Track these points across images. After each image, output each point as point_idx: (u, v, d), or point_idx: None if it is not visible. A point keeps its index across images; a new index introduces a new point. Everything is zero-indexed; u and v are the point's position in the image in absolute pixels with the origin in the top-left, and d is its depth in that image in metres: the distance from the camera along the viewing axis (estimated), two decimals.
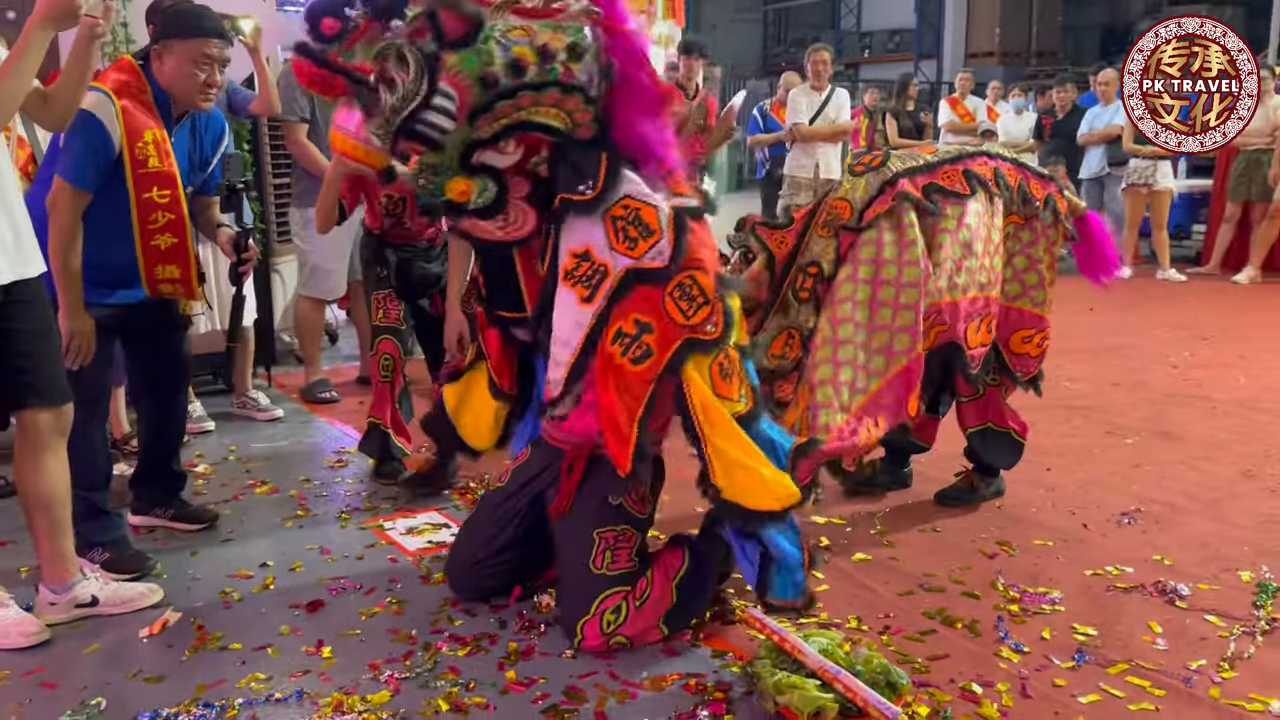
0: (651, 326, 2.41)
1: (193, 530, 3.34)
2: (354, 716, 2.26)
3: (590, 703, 2.32)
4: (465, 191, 2.39)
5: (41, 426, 2.64)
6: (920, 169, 3.14)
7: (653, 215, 2.43)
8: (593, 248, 2.44)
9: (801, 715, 2.20)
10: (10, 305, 2.55)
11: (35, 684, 2.42)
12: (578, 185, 2.44)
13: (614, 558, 2.55)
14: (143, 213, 2.99)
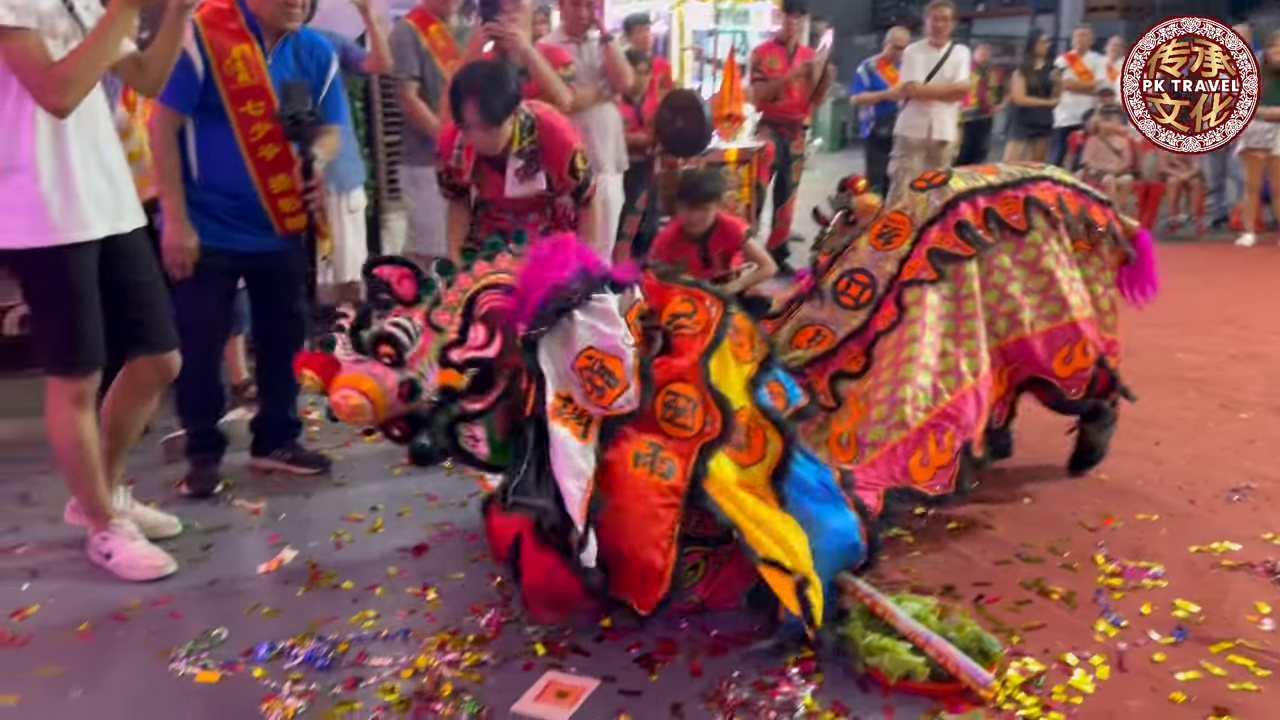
0: (661, 445, 2.44)
1: (307, 474, 3.50)
2: (456, 655, 2.36)
3: (682, 655, 2.38)
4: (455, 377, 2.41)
5: (149, 374, 2.83)
6: (982, 190, 3.10)
7: (618, 365, 2.43)
8: (574, 395, 2.44)
9: (891, 677, 2.22)
10: (114, 258, 2.70)
11: (164, 614, 2.59)
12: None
13: (700, 523, 2.55)
14: (243, 127, 3.12)
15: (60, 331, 2.65)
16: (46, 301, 2.66)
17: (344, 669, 2.32)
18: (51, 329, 2.67)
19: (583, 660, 2.36)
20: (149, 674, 2.32)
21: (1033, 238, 3.10)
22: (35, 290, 2.67)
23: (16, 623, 2.54)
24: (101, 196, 2.64)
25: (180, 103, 3.05)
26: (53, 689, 2.26)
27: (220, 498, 3.30)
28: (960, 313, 2.99)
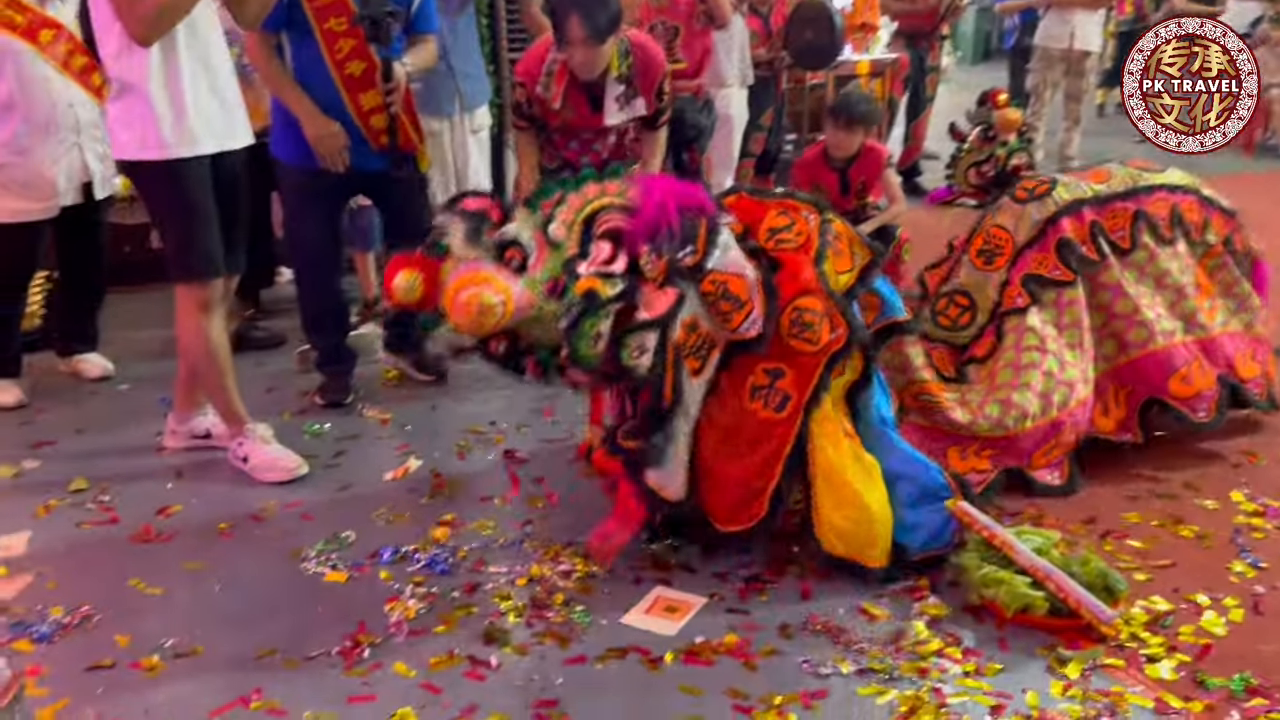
0: (782, 370, 2.38)
1: (427, 380, 3.60)
2: (569, 566, 2.41)
3: (791, 577, 2.38)
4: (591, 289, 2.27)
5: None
6: (1089, 201, 2.88)
7: (741, 286, 2.35)
8: (699, 318, 2.37)
9: (1007, 610, 2.17)
10: (217, 176, 2.80)
11: (296, 516, 2.72)
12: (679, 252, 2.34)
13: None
14: (329, 44, 3.13)
15: (178, 240, 2.79)
16: (163, 212, 2.81)
17: (463, 574, 2.41)
18: (171, 238, 2.82)
19: (691, 578, 2.38)
20: (281, 571, 2.45)
21: (1136, 257, 2.89)
22: (153, 201, 2.83)
23: (162, 520, 2.71)
24: (211, 115, 2.75)
25: (268, 23, 3.08)
26: (195, 582, 2.42)
27: (351, 408, 3.43)
28: (1060, 337, 2.85)
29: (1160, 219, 2.91)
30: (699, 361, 2.37)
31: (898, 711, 1.91)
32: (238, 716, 1.93)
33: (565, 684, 2.02)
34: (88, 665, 2.09)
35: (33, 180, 3.35)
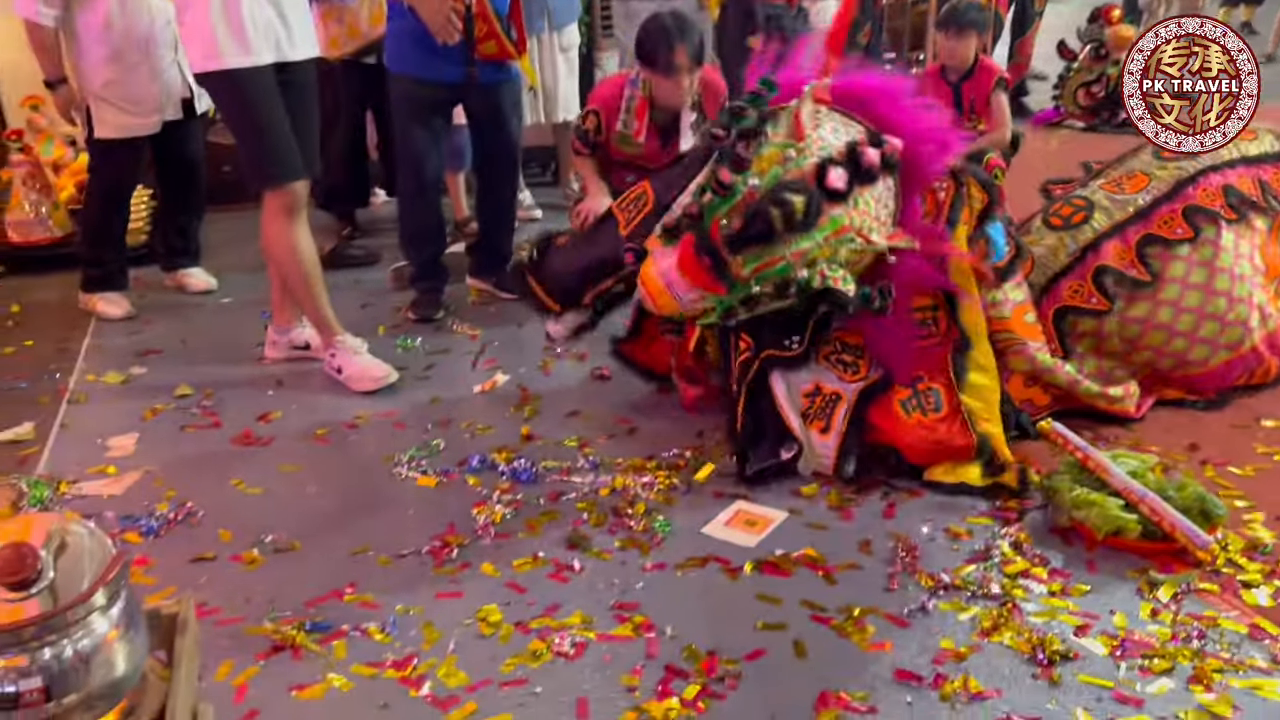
0: (921, 376, 2.43)
1: (512, 298, 3.64)
2: (650, 479, 2.44)
3: (877, 495, 2.36)
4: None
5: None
6: (1131, 220, 2.70)
7: (857, 337, 2.42)
8: (821, 383, 2.43)
9: (1098, 533, 2.12)
10: (283, 85, 2.87)
11: (389, 424, 2.80)
12: (783, 341, 2.40)
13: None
14: None
15: (251, 148, 2.89)
16: (233, 121, 2.92)
17: (547, 483, 2.45)
18: (245, 147, 2.91)
19: (771, 494, 2.38)
20: (375, 475, 2.53)
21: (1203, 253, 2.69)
22: (223, 111, 2.96)
23: (262, 425, 2.82)
24: (269, 27, 2.80)
25: None
26: (293, 484, 2.51)
27: (442, 324, 3.49)
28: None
29: (1214, 207, 2.69)
30: (823, 422, 2.42)
31: (980, 627, 1.90)
32: (333, 607, 2.01)
33: (645, 589, 2.05)
34: (192, 557, 2.20)
35: (136, 96, 3.45)
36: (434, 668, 1.83)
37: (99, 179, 3.61)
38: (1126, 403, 2.66)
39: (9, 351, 3.39)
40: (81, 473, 2.57)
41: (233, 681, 1.81)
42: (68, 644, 1.30)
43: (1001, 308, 2.62)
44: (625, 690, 1.76)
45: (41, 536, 1.35)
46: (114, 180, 3.60)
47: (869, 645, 1.86)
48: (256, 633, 1.93)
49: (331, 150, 4.33)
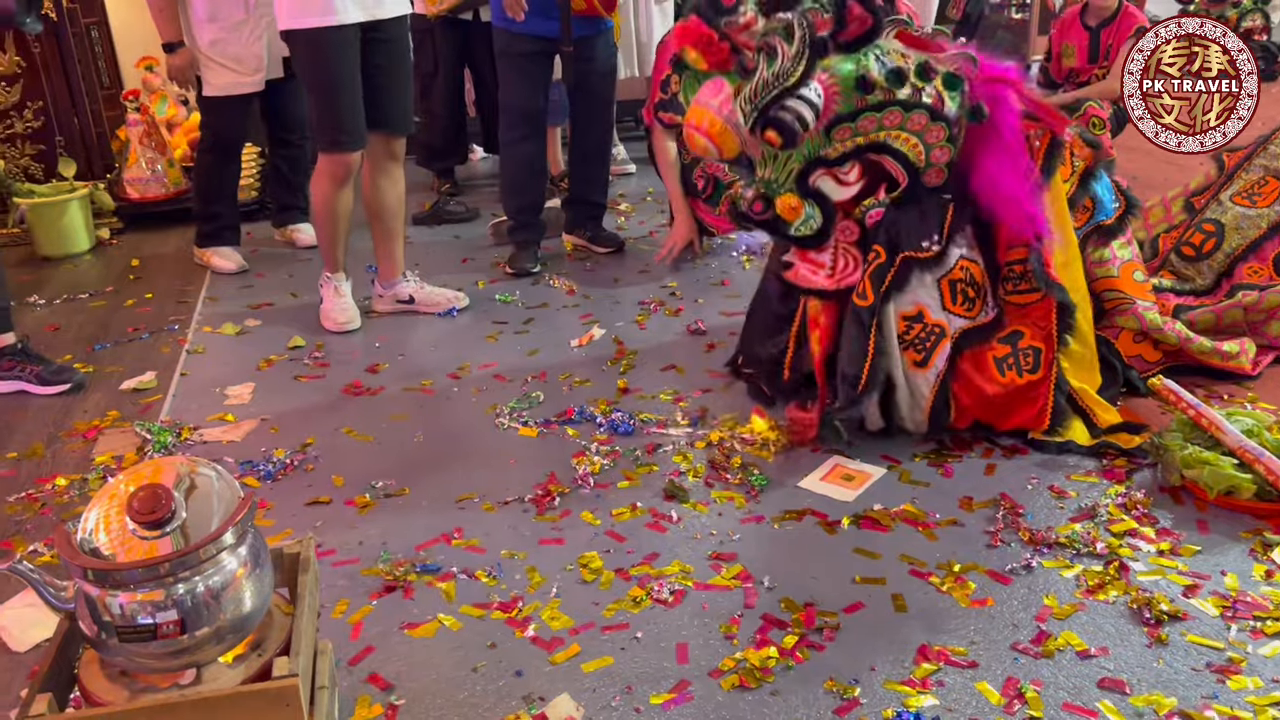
0: (1020, 332, 2.35)
1: (607, 251, 3.67)
2: (748, 435, 2.45)
3: (976, 453, 2.33)
4: (795, 209, 2.27)
5: (378, 150, 3.09)
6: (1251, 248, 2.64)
7: (981, 273, 2.33)
8: (926, 309, 2.32)
9: (1210, 492, 2.07)
10: (373, 43, 2.94)
11: (489, 376, 2.86)
12: (920, 241, 2.30)
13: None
14: None
15: (320, 110, 2.97)
16: (310, 81, 2.99)
17: (644, 436, 2.48)
18: (315, 106, 3.00)
19: (870, 450, 2.37)
20: (478, 425, 2.59)
21: None
22: (302, 70, 3.02)
23: (370, 376, 2.91)
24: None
25: None
26: (401, 432, 2.59)
27: (540, 278, 3.54)
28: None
29: None
30: (920, 354, 2.34)
31: (1085, 585, 1.87)
32: (441, 550, 2.09)
33: (743, 540, 2.07)
34: (307, 501, 2.30)
35: (240, 55, 3.55)
36: (538, 610, 1.89)
37: (209, 135, 3.74)
38: (1242, 359, 2.57)
39: (129, 304, 3.55)
40: (202, 420, 2.69)
41: (349, 619, 1.90)
42: (200, 580, 1.38)
43: (1109, 266, 2.55)
44: (724, 638, 1.79)
45: (173, 478, 1.44)
46: (223, 136, 3.72)
47: (970, 601, 1.85)
48: (370, 574, 2.02)
49: (432, 107, 4.41)
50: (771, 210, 2.29)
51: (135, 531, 1.37)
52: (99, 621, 1.36)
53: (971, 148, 2.28)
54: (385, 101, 3.06)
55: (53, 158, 4.24)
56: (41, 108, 4.20)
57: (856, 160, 2.29)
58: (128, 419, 2.72)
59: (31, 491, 2.40)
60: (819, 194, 2.29)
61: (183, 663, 1.39)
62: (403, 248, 3.28)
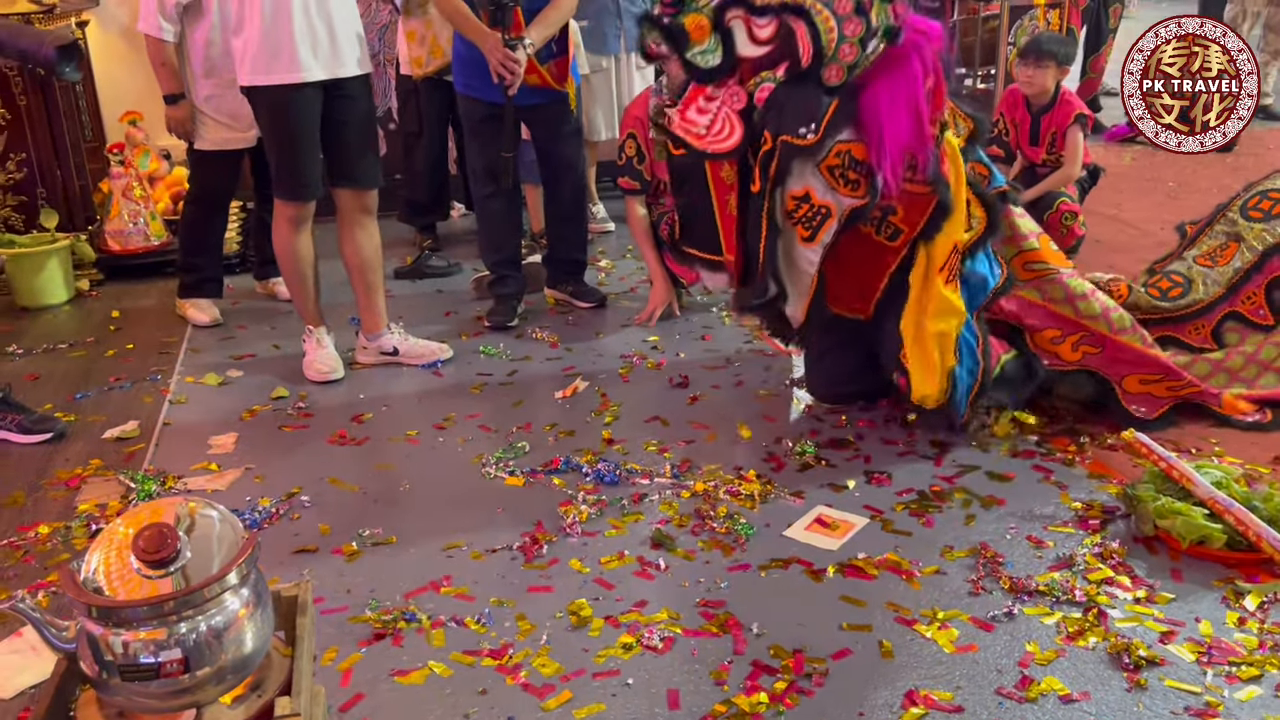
0: (894, 208, 2.49)
1: (588, 306, 3.73)
2: (732, 485, 2.49)
3: (955, 505, 2.38)
4: (702, 29, 2.36)
5: (350, 205, 3.17)
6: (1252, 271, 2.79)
7: (863, 151, 2.39)
8: (812, 190, 2.45)
9: (1183, 542, 2.13)
10: (336, 100, 3.02)
11: (475, 426, 2.89)
12: (798, 127, 2.39)
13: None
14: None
15: (281, 162, 3.05)
16: (270, 135, 3.08)
17: (630, 485, 2.51)
18: (276, 158, 3.07)
19: (851, 500, 2.42)
20: (464, 474, 2.61)
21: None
22: (263, 124, 3.09)
23: (355, 426, 2.92)
24: (320, 44, 2.94)
25: None
26: (387, 481, 2.61)
27: (523, 331, 3.58)
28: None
29: None
30: (809, 230, 2.47)
31: (1064, 632, 1.92)
32: (431, 599, 2.10)
33: (730, 588, 2.10)
34: (294, 549, 2.30)
35: (234, 111, 3.60)
36: (529, 657, 1.90)
37: (197, 188, 3.78)
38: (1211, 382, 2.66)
39: (110, 354, 3.55)
40: (186, 469, 2.69)
41: (338, 667, 1.90)
42: (202, 620, 1.39)
43: (1030, 239, 2.70)
44: (715, 684, 1.82)
45: (175, 519, 1.45)
46: (212, 190, 3.75)
47: (955, 648, 1.89)
48: (359, 621, 2.02)
49: (415, 165, 4.47)
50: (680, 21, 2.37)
51: (139, 570, 1.38)
52: (101, 661, 1.36)
53: (874, 73, 2.36)
54: (353, 157, 3.13)
55: (34, 209, 4.24)
56: (25, 159, 4.22)
57: (776, 17, 2.35)
58: (111, 468, 2.71)
59: (14, 539, 2.38)
60: (728, 36, 2.38)
61: (183, 703, 1.40)
62: (384, 300, 3.32)
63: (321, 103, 3.02)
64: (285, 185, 3.09)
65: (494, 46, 3.22)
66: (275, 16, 2.88)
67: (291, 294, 3.30)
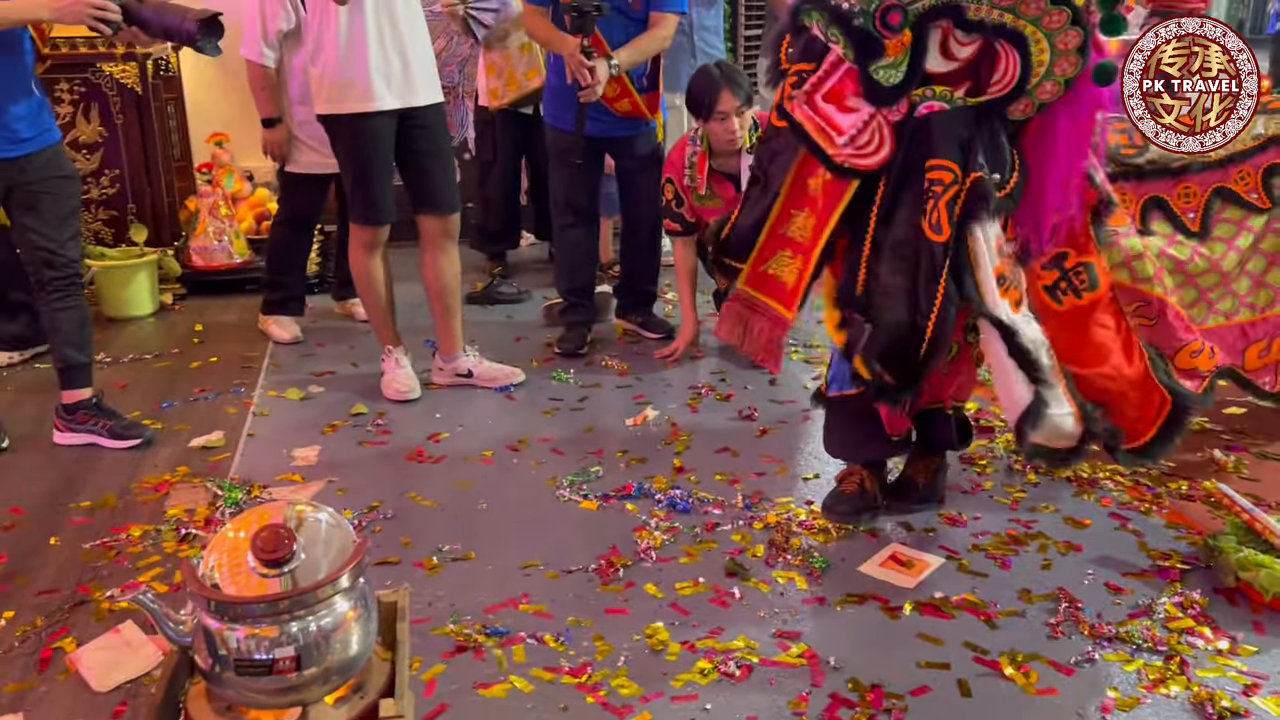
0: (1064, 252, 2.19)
1: (656, 338, 3.78)
2: (806, 518, 2.50)
3: (1033, 548, 2.38)
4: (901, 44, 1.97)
5: (432, 229, 3.24)
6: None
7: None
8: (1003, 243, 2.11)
9: (1265, 594, 2.10)
10: (410, 129, 3.10)
11: (548, 450, 2.93)
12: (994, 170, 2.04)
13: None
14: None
15: (355, 188, 3.13)
16: (345, 161, 3.14)
17: (702, 513, 2.54)
18: (351, 185, 3.14)
19: (928, 539, 2.43)
20: (540, 496, 2.65)
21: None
22: (338, 151, 3.16)
23: (432, 444, 2.98)
24: (393, 74, 3.02)
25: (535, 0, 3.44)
26: (464, 498, 2.65)
27: (593, 359, 3.63)
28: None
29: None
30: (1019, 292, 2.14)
31: (1146, 679, 1.90)
32: (509, 614, 2.13)
33: (806, 620, 2.11)
34: (376, 560, 2.35)
35: (324, 136, 3.71)
36: (607, 677, 1.93)
37: (287, 209, 3.90)
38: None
39: (194, 366, 3.66)
40: (270, 479, 2.76)
41: (422, 677, 1.94)
42: (313, 620, 1.44)
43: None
44: (793, 714, 1.83)
45: (285, 520, 1.50)
46: (300, 211, 3.87)
47: (1035, 690, 1.89)
48: (441, 633, 2.06)
49: (488, 193, 4.58)
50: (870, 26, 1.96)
51: (255, 569, 1.44)
52: (215, 655, 1.42)
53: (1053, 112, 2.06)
54: (431, 184, 3.21)
55: (124, 223, 4.39)
56: (118, 175, 4.37)
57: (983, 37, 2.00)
58: (197, 475, 2.79)
59: (106, 539, 2.46)
60: (919, 48, 1.99)
61: (291, 700, 1.45)
62: (461, 323, 3.39)
63: (396, 131, 3.10)
64: (359, 210, 3.17)
65: (572, 51, 3.31)
66: (350, 47, 2.97)
67: (368, 315, 3.39)
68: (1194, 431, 2.75)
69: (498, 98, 4.32)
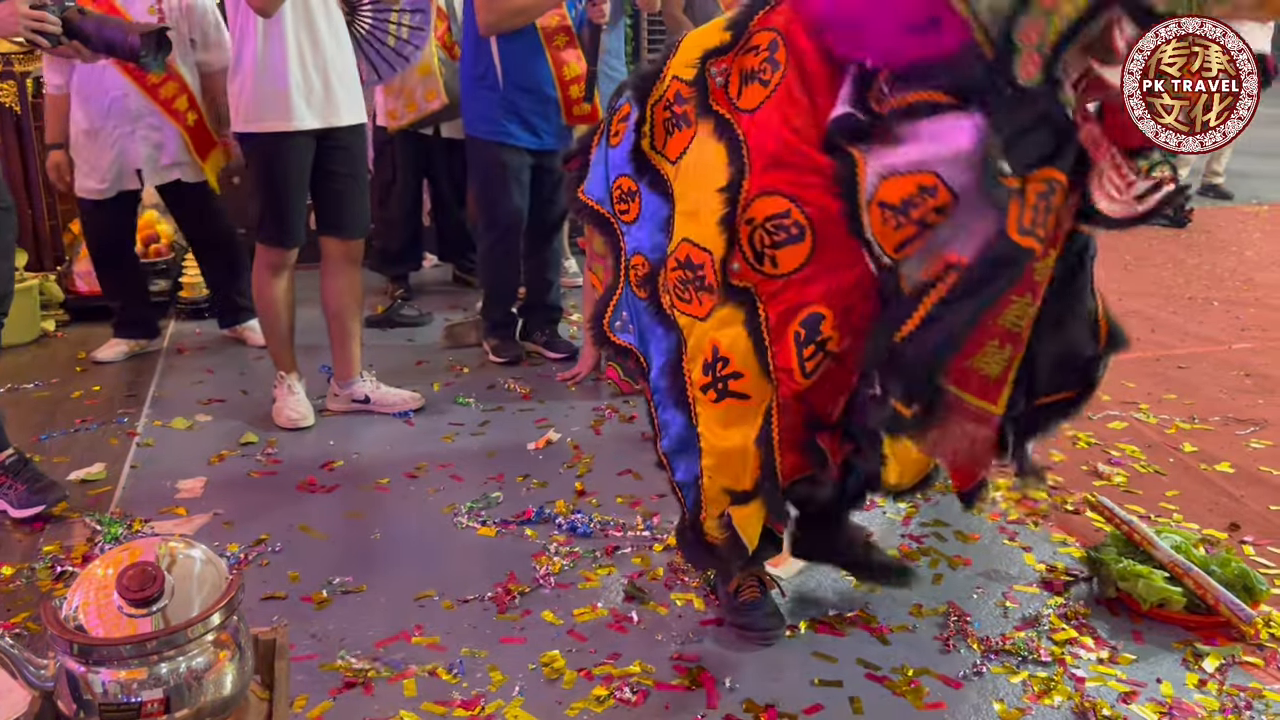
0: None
1: (559, 358, 3.78)
2: None
3: (924, 564, 2.42)
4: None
5: (335, 252, 3.20)
6: None
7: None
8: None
9: (1144, 604, 2.18)
10: (325, 150, 3.06)
11: (447, 475, 2.89)
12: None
13: None
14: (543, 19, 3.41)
15: (266, 208, 3.07)
16: (258, 180, 3.08)
17: (603, 537, 2.52)
18: (262, 205, 3.08)
19: None
20: (436, 524, 2.61)
21: None
22: (252, 170, 3.11)
23: (325, 473, 2.91)
24: (314, 93, 2.97)
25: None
26: (356, 529, 2.59)
27: (494, 382, 3.60)
28: None
29: None
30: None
31: (1031, 691, 1.95)
32: (401, 648, 2.08)
33: (704, 642, 2.11)
34: (262, 596, 2.28)
35: (93, 160, 3.64)
36: (501, 709, 1.89)
37: (86, 234, 3.89)
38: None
39: (76, 395, 3.51)
40: (153, 512, 2.66)
41: (308, 714, 1.88)
42: (184, 660, 1.38)
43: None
44: None
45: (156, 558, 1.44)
46: (97, 237, 3.82)
47: (924, 705, 1.92)
48: (329, 669, 2.01)
49: (389, 214, 4.51)
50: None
51: (122, 609, 1.37)
52: (80, 700, 1.34)
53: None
54: (343, 207, 3.16)
55: None
56: None
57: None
58: (76, 510, 2.67)
59: None
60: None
61: None
62: (360, 348, 3.33)
63: (314, 151, 3.05)
64: (269, 231, 3.10)
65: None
66: (268, 65, 2.91)
67: (267, 340, 3.30)
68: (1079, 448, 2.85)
69: (396, 119, 4.28)
